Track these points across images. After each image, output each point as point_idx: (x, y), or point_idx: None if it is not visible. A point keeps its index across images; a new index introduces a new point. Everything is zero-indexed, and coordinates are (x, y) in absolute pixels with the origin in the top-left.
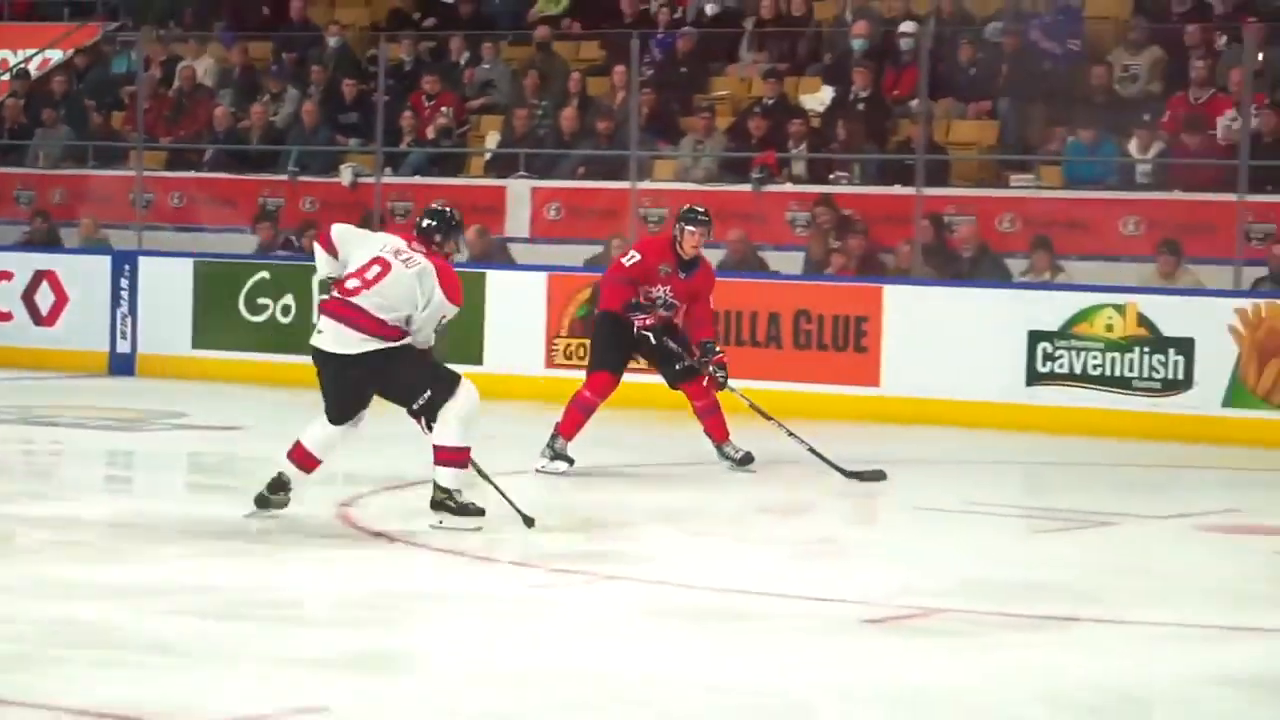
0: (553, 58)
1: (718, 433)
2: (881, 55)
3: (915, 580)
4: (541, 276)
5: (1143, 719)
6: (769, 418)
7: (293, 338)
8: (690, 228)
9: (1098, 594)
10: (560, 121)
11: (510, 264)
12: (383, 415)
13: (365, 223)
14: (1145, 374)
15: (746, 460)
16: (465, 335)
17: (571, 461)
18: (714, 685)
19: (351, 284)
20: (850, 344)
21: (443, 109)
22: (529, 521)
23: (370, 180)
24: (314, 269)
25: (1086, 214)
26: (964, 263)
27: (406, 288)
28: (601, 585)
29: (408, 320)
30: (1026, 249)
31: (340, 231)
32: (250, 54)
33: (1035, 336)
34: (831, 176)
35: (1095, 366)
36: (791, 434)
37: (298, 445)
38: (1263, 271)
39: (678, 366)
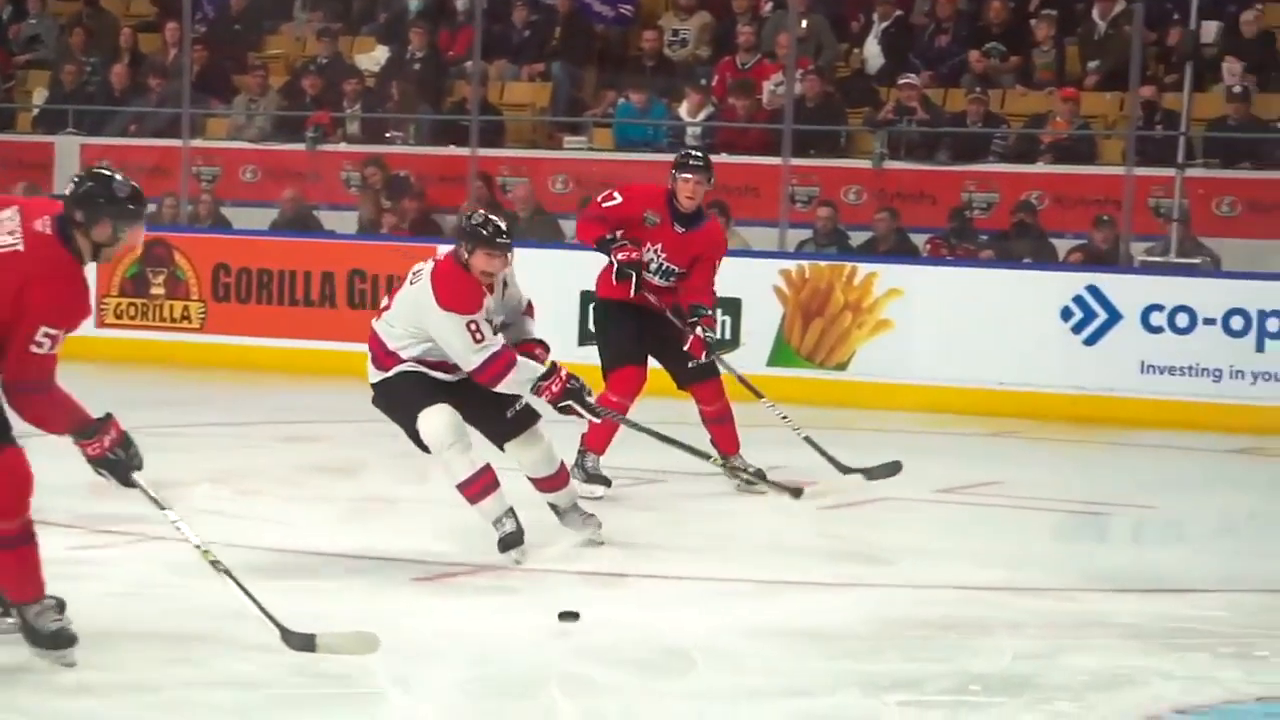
0: (102, 13)
1: (726, 444)
2: (437, 16)
3: (468, 538)
4: None
5: (686, 671)
6: (760, 395)
7: None
8: (684, 175)
9: (647, 550)
10: (111, 78)
11: None
12: None
13: None
14: None
15: (760, 476)
16: None
17: (609, 482)
18: (257, 644)
19: (383, 304)
20: None
21: None
22: (797, 493)
23: None
24: None
25: (638, 175)
26: (519, 223)
27: (407, 309)
28: (145, 546)
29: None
30: (579, 210)
31: None
32: None
33: (587, 297)
34: (387, 135)
35: None
36: (785, 418)
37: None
38: (807, 234)
39: (690, 365)
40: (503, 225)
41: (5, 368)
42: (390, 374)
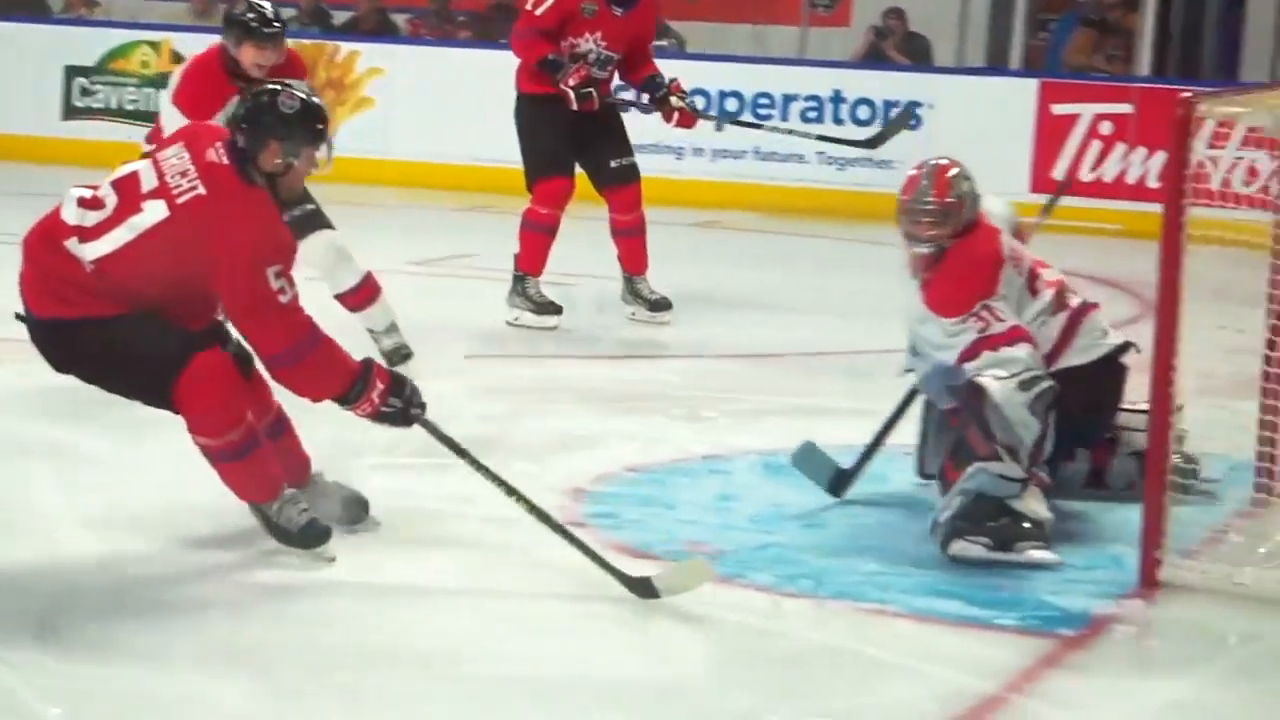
0: None
1: (633, 262)
2: None
3: None
4: None
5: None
6: (758, 126)
7: None
8: None
9: None
10: None
11: None
12: None
13: None
14: None
15: (661, 306)
16: None
17: (559, 309)
18: None
19: None
20: None
21: None
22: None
23: None
24: None
25: None
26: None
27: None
28: None
29: None
30: None
31: None
32: None
33: (72, 71)
34: None
35: (131, 101)
36: (791, 131)
37: None
38: (291, 12)
39: (613, 164)
40: (269, 13)
41: (259, 343)
42: None
